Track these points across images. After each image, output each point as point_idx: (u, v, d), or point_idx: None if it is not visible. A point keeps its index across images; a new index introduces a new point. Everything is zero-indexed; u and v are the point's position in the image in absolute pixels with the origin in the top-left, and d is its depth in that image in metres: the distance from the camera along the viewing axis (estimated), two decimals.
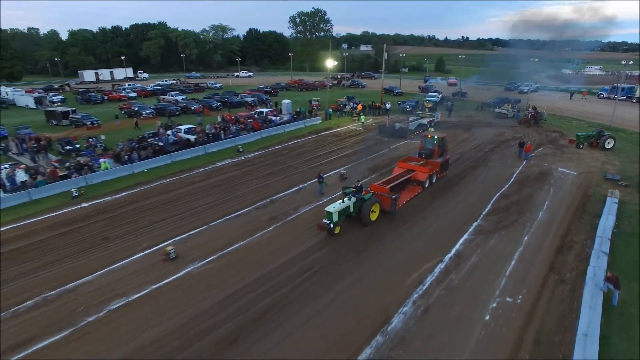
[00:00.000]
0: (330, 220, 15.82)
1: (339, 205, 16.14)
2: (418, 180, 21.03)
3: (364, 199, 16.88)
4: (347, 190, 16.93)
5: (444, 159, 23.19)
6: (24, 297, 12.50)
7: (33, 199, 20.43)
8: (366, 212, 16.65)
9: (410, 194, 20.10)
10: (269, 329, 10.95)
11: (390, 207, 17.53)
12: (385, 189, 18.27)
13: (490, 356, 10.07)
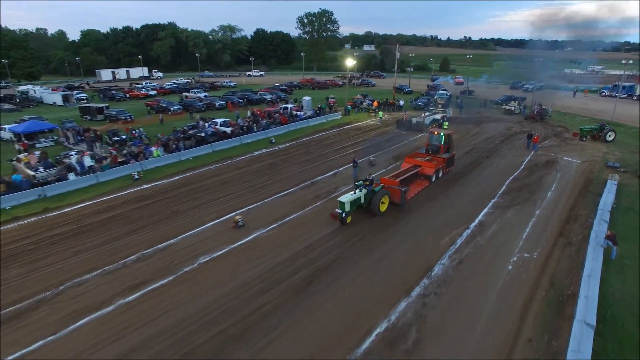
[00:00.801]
0: (342, 210, 16.86)
1: (351, 196, 17.17)
2: (425, 174, 22.08)
3: (374, 191, 17.89)
4: (359, 183, 17.99)
5: (450, 154, 24.12)
6: (128, 253, 15.21)
7: (100, 181, 23.18)
8: (376, 203, 17.66)
9: (418, 188, 21.09)
10: (337, 274, 13.66)
11: (399, 199, 18.53)
12: (395, 182, 19.25)
13: (516, 291, 12.73)
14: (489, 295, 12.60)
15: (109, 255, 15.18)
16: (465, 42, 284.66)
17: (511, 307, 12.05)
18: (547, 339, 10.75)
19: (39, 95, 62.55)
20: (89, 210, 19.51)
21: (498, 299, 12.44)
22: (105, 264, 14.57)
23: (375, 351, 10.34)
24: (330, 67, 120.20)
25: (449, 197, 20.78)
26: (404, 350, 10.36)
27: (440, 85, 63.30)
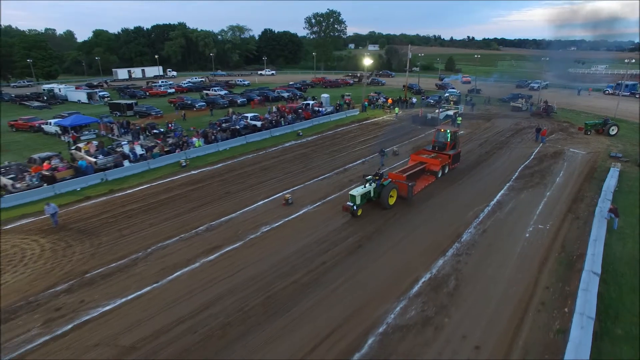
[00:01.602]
0: (353, 203, 17.62)
1: (361, 190, 17.88)
2: (432, 170, 22.78)
3: (383, 185, 18.66)
4: (368, 177, 18.66)
5: (456, 151, 24.66)
6: (197, 225, 17.73)
7: (151, 167, 25.73)
8: (385, 197, 18.38)
9: (425, 183, 21.64)
10: (381, 239, 16.17)
11: (407, 193, 19.29)
12: (402, 177, 20.00)
13: (534, 253, 15.19)
14: (511, 255, 15.07)
15: (180, 226, 17.70)
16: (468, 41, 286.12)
17: (530, 264, 14.51)
18: (561, 286, 13.19)
19: (63, 93, 65.24)
20: (150, 192, 22.08)
21: (519, 258, 14.91)
22: (180, 233, 17.09)
23: (423, 294, 12.81)
24: (337, 67, 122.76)
25: (468, 181, 23.23)
26: (446, 293, 12.83)
27: (448, 84, 65.67)
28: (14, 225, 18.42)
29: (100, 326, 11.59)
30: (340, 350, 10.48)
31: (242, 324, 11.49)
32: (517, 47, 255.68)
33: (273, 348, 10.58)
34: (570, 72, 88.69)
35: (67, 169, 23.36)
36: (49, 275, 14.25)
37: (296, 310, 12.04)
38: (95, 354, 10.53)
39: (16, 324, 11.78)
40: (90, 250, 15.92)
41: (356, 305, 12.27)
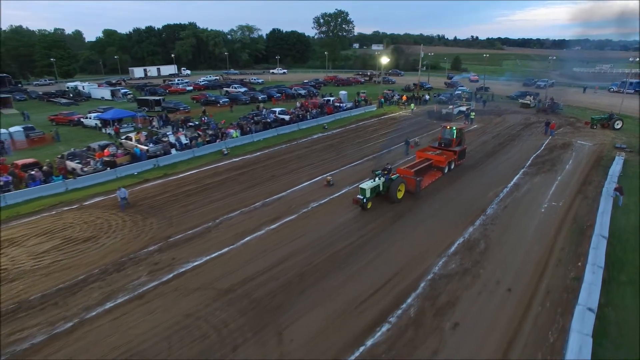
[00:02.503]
0: (363, 196, 18.30)
1: (371, 183, 18.50)
2: (439, 166, 23.42)
3: (392, 179, 19.35)
4: (377, 172, 19.26)
5: (462, 148, 25.36)
6: (253, 201, 20.25)
7: (196, 155, 28.32)
8: (394, 191, 19.05)
9: (432, 178, 22.29)
10: (416, 212, 18.71)
11: (415, 187, 20.02)
12: (410, 172, 20.72)
13: (549, 223, 17.65)
14: (530, 225, 17.55)
15: (239, 203, 20.26)
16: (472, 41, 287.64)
17: (547, 231, 16.99)
18: (574, 248, 15.65)
19: (87, 91, 67.88)
20: (200, 175, 24.67)
21: (537, 228, 17.38)
22: (240, 208, 19.65)
23: (459, 253, 15.30)
24: (345, 66, 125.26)
25: (486, 168, 25.69)
26: (479, 252, 15.32)
27: (457, 83, 68.09)
28: (90, 202, 21.04)
29: (196, 275, 14.14)
30: (400, 290, 13.00)
31: (314, 273, 14.02)
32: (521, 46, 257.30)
33: (344, 290, 13.10)
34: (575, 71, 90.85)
35: (124, 156, 25.92)
36: (137, 240, 16.82)
37: (358, 263, 14.58)
38: (199, 294, 13.06)
39: (126, 273, 14.35)
40: (165, 221, 18.48)
41: (406, 260, 14.78)
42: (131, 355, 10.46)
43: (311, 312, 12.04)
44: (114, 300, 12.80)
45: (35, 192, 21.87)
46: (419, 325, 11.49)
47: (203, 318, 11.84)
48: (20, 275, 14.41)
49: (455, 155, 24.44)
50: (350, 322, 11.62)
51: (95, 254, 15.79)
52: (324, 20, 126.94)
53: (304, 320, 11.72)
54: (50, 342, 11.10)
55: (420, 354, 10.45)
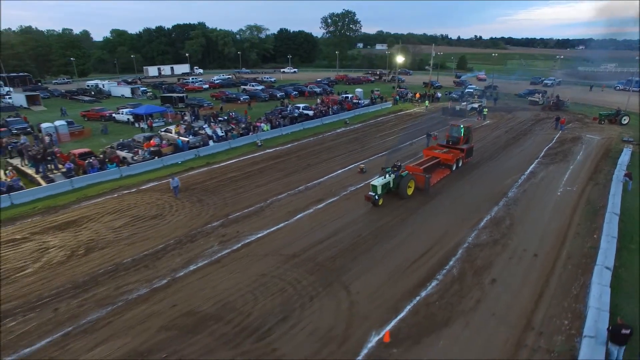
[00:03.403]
0: (375, 193, 18.77)
1: (382, 180, 19.01)
2: (447, 163, 23.89)
3: (402, 176, 19.90)
4: (387, 169, 19.78)
5: (469, 146, 25.72)
6: (296, 186, 22.38)
7: (232, 146, 30.49)
8: (404, 187, 19.61)
9: (440, 175, 22.81)
10: (445, 194, 20.81)
11: (424, 184, 20.50)
12: (419, 169, 21.26)
13: (565, 204, 19.73)
14: (548, 206, 19.63)
15: (283, 187, 22.41)
16: (476, 41, 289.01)
17: (564, 211, 19.07)
18: (589, 224, 17.69)
19: (107, 88, 70.13)
20: (240, 164, 26.84)
21: (554, 208, 19.46)
22: (285, 191, 21.80)
23: (488, 227, 17.40)
24: (352, 65, 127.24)
25: (502, 158, 27.78)
26: (505, 227, 17.41)
27: (466, 81, 70.12)
28: (146, 186, 23.21)
29: (262, 245, 16.28)
30: (441, 256, 15.13)
31: (364, 243, 16.16)
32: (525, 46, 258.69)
33: (393, 256, 15.23)
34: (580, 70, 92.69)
35: (168, 146, 28.11)
36: (199, 217, 18.98)
37: (400, 235, 16.72)
38: (268, 259, 15.20)
39: (198, 244, 16.50)
40: (220, 202, 20.65)
41: (442, 232, 16.91)
42: (224, 305, 12.57)
43: (369, 272, 14.17)
44: (196, 264, 14.95)
45: (95, 178, 24.07)
46: (462, 281, 13.62)
47: (277, 277, 13.98)
48: (107, 245, 16.58)
49: (462, 153, 24.85)
50: (404, 279, 13.75)
51: (165, 228, 17.94)
52: (332, 20, 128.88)
53: (364, 278, 13.85)
54: (152, 294, 13.26)
55: (467, 302, 12.56)
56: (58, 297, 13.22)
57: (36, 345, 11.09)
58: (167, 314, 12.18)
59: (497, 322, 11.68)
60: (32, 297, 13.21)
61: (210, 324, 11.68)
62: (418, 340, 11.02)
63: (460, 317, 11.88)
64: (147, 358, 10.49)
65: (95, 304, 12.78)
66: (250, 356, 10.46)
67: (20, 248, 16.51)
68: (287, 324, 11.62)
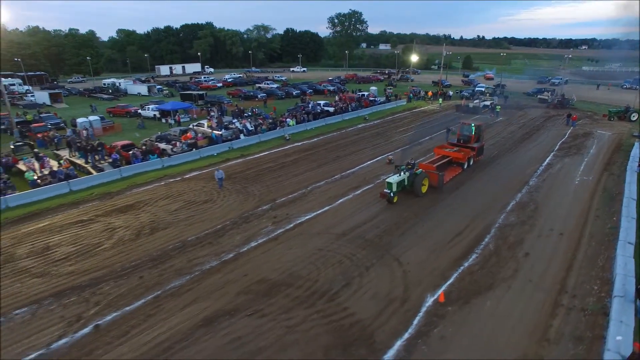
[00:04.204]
0: (390, 190, 19.05)
1: (397, 178, 19.24)
2: (458, 161, 24.21)
3: (416, 173, 20.18)
4: (402, 167, 20.06)
5: (480, 144, 25.88)
6: (331, 175, 24.02)
7: (262, 140, 32.14)
8: (418, 185, 19.89)
9: (452, 173, 23.12)
10: (474, 181, 22.43)
11: (437, 182, 20.84)
12: (432, 167, 21.51)
13: (583, 191, 21.35)
14: (567, 193, 21.24)
15: (320, 176, 24.04)
16: (478, 40, 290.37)
17: (583, 197, 20.68)
18: (608, 208, 19.29)
19: (123, 87, 71.81)
20: (273, 156, 28.48)
21: (573, 194, 21.06)
22: (323, 179, 23.44)
23: (515, 210, 19.00)
24: (358, 64, 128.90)
25: (519, 151, 29.38)
26: (530, 210, 19.02)
27: (474, 80, 71.75)
28: (189, 176, 24.87)
29: (312, 225, 17.91)
30: (477, 234, 16.77)
31: (405, 223, 17.80)
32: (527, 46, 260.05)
33: (433, 233, 16.86)
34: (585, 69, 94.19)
35: (204, 139, 29.76)
36: (247, 202, 20.62)
37: (436, 217, 18.40)
38: (320, 236, 16.81)
39: (253, 224, 18.13)
40: (264, 189, 22.29)
41: (473, 215, 18.52)
42: (290, 274, 14.20)
43: (414, 247, 15.81)
44: (256, 241, 16.59)
45: (139, 168, 25.72)
46: (499, 254, 15.25)
47: (333, 251, 15.62)
48: (169, 225, 18.22)
49: (474, 151, 25.03)
50: (446, 253, 15.40)
51: (218, 211, 19.59)
52: (339, 20, 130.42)
53: (411, 252, 15.49)
54: (223, 265, 14.89)
55: (505, 271, 14.19)
56: (139, 267, 14.86)
57: (135, 305, 12.73)
58: (240, 282, 13.82)
59: (534, 287, 13.30)
60: (117, 267, 14.85)
61: (282, 289, 13.31)
62: (468, 300, 12.65)
63: (502, 283, 13.51)
64: (235, 315, 12.11)
65: (174, 274, 14.41)
66: (324, 314, 12.07)
67: (90, 228, 18.17)
68: (350, 289, 13.25)
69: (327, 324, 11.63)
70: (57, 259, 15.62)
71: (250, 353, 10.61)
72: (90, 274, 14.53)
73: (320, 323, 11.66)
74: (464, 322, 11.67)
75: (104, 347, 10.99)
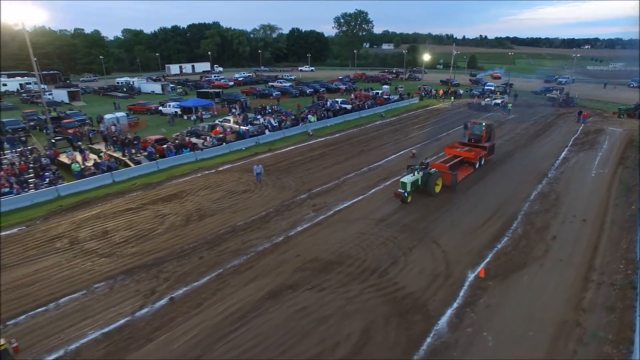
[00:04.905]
0: (404, 190, 19.14)
1: (411, 178, 19.31)
2: (470, 161, 24.24)
3: (430, 173, 20.29)
4: (415, 167, 20.25)
5: (491, 143, 25.90)
6: (359, 167, 25.27)
7: (286, 135, 33.40)
8: (432, 185, 19.98)
9: (465, 173, 23.12)
10: (495, 175, 23.71)
11: (450, 181, 20.82)
12: (445, 166, 21.63)
13: (601, 183, 22.60)
14: (585, 184, 22.48)
15: (347, 168, 25.30)
16: (481, 40, 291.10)
17: (601, 187, 21.92)
18: (625, 198, 20.51)
19: (137, 85, 73.06)
20: (300, 150, 29.74)
21: (591, 185, 22.30)
22: (352, 171, 24.70)
23: (537, 199, 20.23)
24: (364, 64, 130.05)
25: (535, 146, 30.65)
26: (552, 199, 20.26)
27: (482, 80, 73.03)
28: (223, 168, 26.13)
29: (351, 212, 19.16)
30: (505, 220, 18.03)
31: (436, 212, 19.04)
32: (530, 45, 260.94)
33: (465, 219, 18.11)
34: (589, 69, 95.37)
35: (232, 134, 31.05)
36: (285, 192, 21.87)
37: (466, 203, 19.71)
38: (360, 222, 18.04)
39: (295, 211, 19.37)
40: (297, 180, 23.54)
41: (500, 203, 19.77)
42: (340, 254, 15.45)
43: (448, 231, 17.07)
44: (301, 226, 17.84)
45: (174, 161, 26.99)
46: (528, 237, 16.52)
47: (375, 234, 16.88)
48: (215, 212, 19.47)
49: (485, 151, 25.06)
50: (479, 236, 16.66)
51: (259, 200, 20.84)
52: (345, 20, 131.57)
53: (447, 235, 16.75)
54: (275, 247, 16.14)
55: (536, 252, 15.44)
56: (197, 249, 16.12)
57: (201, 281, 13.98)
58: (295, 261, 15.07)
59: (564, 265, 14.57)
60: (176, 249, 16.12)
61: (335, 267, 14.57)
62: (506, 276, 13.91)
63: (535, 262, 14.77)
64: (297, 289, 13.36)
65: (232, 254, 15.67)
66: (378, 287, 13.34)
67: (140, 215, 19.43)
68: (397, 267, 14.52)
69: (382, 296, 12.90)
70: (118, 241, 16.87)
71: (317, 321, 11.85)
72: (153, 254, 15.77)
73: (376, 295, 12.92)
74: (505, 294, 12.95)
75: (183, 316, 12.23)
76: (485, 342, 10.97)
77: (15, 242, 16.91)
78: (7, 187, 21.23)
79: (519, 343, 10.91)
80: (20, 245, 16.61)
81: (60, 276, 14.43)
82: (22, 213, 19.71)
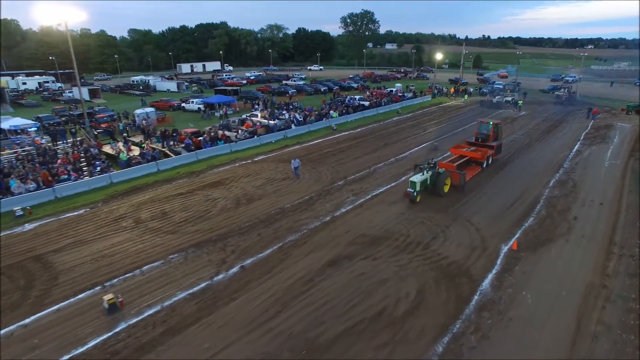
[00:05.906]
0: (413, 189, 19.26)
1: (421, 177, 19.41)
2: (477, 161, 24.18)
3: (439, 172, 20.35)
4: (423, 166, 20.29)
5: (498, 143, 25.81)
6: (386, 159, 26.97)
7: (310, 130, 35.16)
8: (441, 184, 19.97)
9: (472, 172, 23.13)
10: (513, 166, 25.44)
11: (459, 181, 20.83)
12: (453, 166, 21.70)
13: (615, 172, 24.32)
14: (600, 173, 24.19)
15: (376, 159, 27.03)
16: (484, 40, 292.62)
17: (615, 176, 23.63)
18: (639, 186, 22.32)
19: (152, 84, 74.86)
20: (327, 143, 31.49)
21: (605, 174, 24.02)
22: (380, 162, 26.41)
23: (557, 186, 21.93)
24: (371, 63, 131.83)
25: (549, 140, 32.34)
26: (570, 186, 21.97)
27: (489, 79, 74.76)
28: (258, 159, 27.88)
29: (387, 196, 20.89)
30: (529, 203, 19.74)
31: (465, 197, 20.79)
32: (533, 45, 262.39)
33: (492, 202, 19.83)
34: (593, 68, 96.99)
35: (262, 127, 32.82)
36: (321, 180, 23.61)
37: (491, 189, 21.47)
38: (397, 204, 19.74)
39: (336, 196, 21.10)
40: (332, 169, 25.27)
41: (521, 189, 21.44)
42: (385, 230, 17.18)
43: (479, 213, 18.79)
44: (344, 208, 19.57)
45: (211, 152, 28.75)
46: (552, 218, 18.25)
47: (413, 214, 18.61)
48: (261, 197, 21.20)
49: (492, 150, 24.95)
50: (507, 217, 18.39)
51: (299, 186, 22.58)
52: (351, 19, 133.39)
53: (477, 216, 18.46)
54: (325, 225, 17.85)
55: (560, 229, 17.17)
56: (253, 227, 17.84)
57: (265, 253, 15.69)
58: (345, 236, 16.80)
59: (588, 240, 16.30)
60: (234, 227, 17.84)
61: (382, 241, 16.31)
62: (536, 249, 15.65)
63: (560, 238, 16.51)
64: (352, 259, 15.10)
65: (286, 231, 17.40)
66: (424, 257, 15.08)
67: (191, 199, 21.17)
68: (438, 241, 16.27)
69: (429, 264, 14.64)
70: (178, 221, 18.59)
71: (377, 283, 13.58)
72: (214, 231, 17.50)
73: (424, 263, 14.67)
74: (537, 263, 14.69)
75: (257, 280, 13.95)
76: (525, 299, 12.70)
77: (85, 221, 18.68)
78: (65, 174, 23.01)
79: (554, 300, 12.65)
80: (91, 223, 18.39)
81: (135, 249, 16.17)
82: (84, 197, 21.48)
